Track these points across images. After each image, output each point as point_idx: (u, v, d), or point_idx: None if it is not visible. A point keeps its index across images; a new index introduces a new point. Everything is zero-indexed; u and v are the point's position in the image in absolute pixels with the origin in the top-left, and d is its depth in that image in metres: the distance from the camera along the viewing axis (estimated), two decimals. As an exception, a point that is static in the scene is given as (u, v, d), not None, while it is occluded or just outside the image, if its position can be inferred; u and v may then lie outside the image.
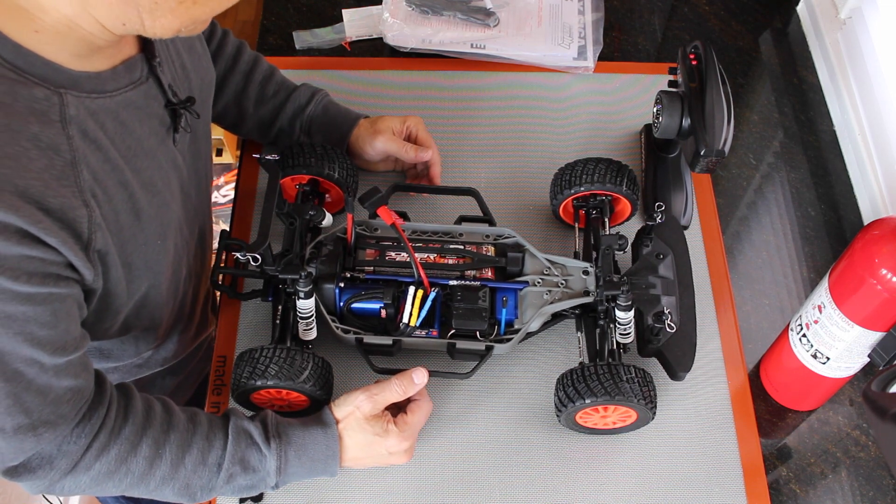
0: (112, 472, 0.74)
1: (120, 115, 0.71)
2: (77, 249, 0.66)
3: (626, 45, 1.27)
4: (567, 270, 0.93)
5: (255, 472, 0.79)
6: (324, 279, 0.90)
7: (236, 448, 0.78)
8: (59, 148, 0.65)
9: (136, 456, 0.75)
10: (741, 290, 1.05)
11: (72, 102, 0.66)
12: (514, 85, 1.20)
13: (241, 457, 0.78)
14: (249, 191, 1.10)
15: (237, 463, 0.78)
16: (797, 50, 1.27)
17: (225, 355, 0.97)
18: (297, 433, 0.81)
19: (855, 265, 0.79)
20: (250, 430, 0.79)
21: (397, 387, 0.84)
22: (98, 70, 0.69)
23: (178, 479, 0.77)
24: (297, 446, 0.80)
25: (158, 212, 0.77)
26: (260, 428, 0.80)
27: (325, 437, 0.81)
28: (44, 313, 0.65)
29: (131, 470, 0.75)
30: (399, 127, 1.03)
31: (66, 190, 0.65)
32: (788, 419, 0.97)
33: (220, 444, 0.78)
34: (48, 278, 0.64)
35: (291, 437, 0.80)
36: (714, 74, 0.94)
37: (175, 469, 0.76)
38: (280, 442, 0.80)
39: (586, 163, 0.98)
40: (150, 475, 0.75)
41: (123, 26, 0.63)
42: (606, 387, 0.83)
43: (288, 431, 0.81)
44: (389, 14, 1.23)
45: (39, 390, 0.67)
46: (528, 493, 0.90)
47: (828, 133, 1.19)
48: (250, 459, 0.79)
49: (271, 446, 0.79)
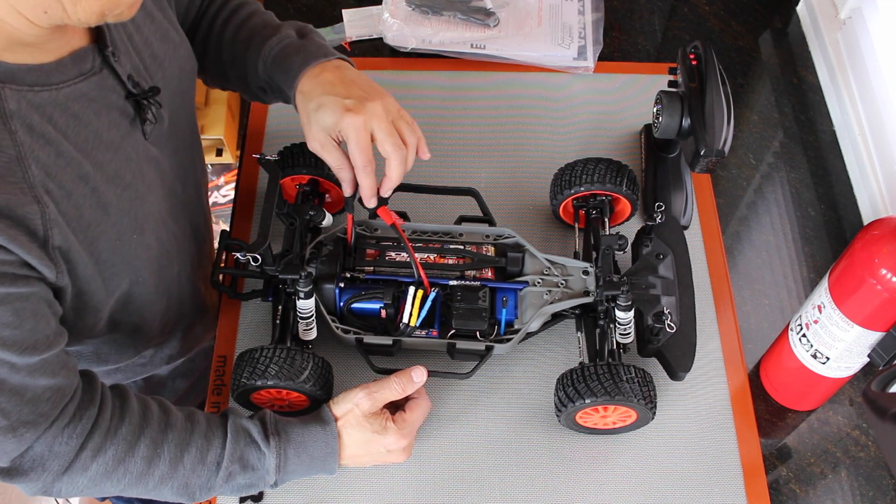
0: (110, 473, 0.74)
1: (71, 107, 0.69)
2: (32, 247, 0.65)
3: (626, 45, 1.27)
4: (567, 270, 0.93)
5: (254, 470, 0.79)
6: (324, 279, 0.90)
7: (235, 446, 0.78)
8: (1, 144, 0.63)
9: (134, 456, 0.74)
10: (741, 290, 1.05)
11: (11, 96, 0.64)
12: (514, 85, 1.20)
13: (239, 455, 0.78)
14: (249, 191, 1.10)
15: (236, 461, 0.78)
16: (797, 50, 1.27)
17: (225, 355, 0.97)
18: (297, 431, 0.81)
19: (855, 265, 0.79)
20: (249, 428, 0.79)
21: (396, 385, 0.84)
22: (41, 62, 0.67)
23: (177, 479, 0.76)
24: (297, 444, 0.80)
25: (131, 206, 0.76)
26: (259, 426, 0.80)
27: (324, 434, 0.81)
28: (4, 313, 0.64)
29: (129, 470, 0.74)
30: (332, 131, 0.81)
31: (12, 187, 0.64)
32: (788, 419, 0.97)
33: (218, 442, 0.78)
34: (3, 278, 0.63)
35: (291, 435, 0.80)
36: (714, 74, 0.94)
37: (174, 468, 0.76)
38: (279, 440, 0.80)
39: (586, 163, 0.98)
40: (148, 475, 0.75)
41: (45, 14, 0.61)
42: (606, 387, 0.83)
43: (287, 429, 0.81)
44: (389, 14, 1.23)
45: (14, 391, 0.67)
46: (528, 493, 0.90)
47: (828, 133, 1.19)
48: (249, 458, 0.78)
49: (270, 444, 0.79)
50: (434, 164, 1.11)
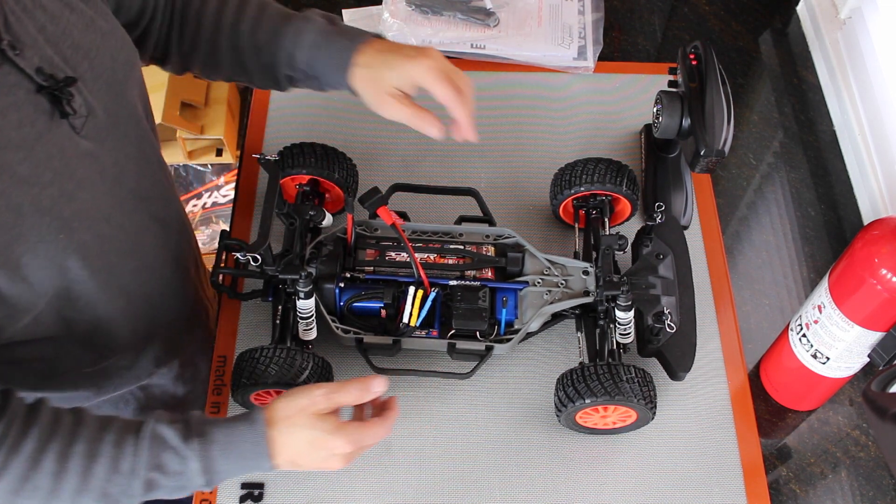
0: (18, 491, 0.72)
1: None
2: None
3: (626, 45, 1.27)
4: (567, 270, 0.93)
5: (178, 475, 0.76)
6: (324, 279, 0.90)
7: (150, 454, 0.75)
8: None
9: (39, 472, 0.72)
10: (741, 290, 1.05)
11: None
12: (514, 85, 1.20)
13: (157, 463, 0.75)
14: (249, 191, 1.10)
15: (154, 469, 0.75)
16: (797, 50, 1.27)
17: (225, 355, 0.97)
18: (222, 431, 0.77)
19: (855, 265, 0.79)
20: (165, 434, 0.76)
21: (355, 390, 0.80)
22: None
23: (92, 490, 0.74)
24: (222, 444, 0.77)
25: (54, 205, 0.73)
26: (180, 429, 0.77)
27: (252, 433, 0.77)
28: None
29: (38, 486, 0.72)
30: (407, 85, 0.87)
31: None
32: (788, 419, 0.97)
33: (130, 451, 0.75)
34: None
35: (215, 436, 0.77)
36: (714, 74, 0.94)
37: (85, 480, 0.73)
38: (203, 442, 0.76)
39: (586, 163, 0.98)
40: (60, 489, 0.73)
41: None
42: (606, 387, 0.83)
43: (212, 430, 0.77)
44: (389, 14, 1.23)
45: None
46: (528, 493, 0.90)
47: (828, 133, 1.19)
48: (169, 464, 0.75)
49: (191, 447, 0.76)
50: (434, 165, 1.12)
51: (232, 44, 0.91)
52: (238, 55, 0.92)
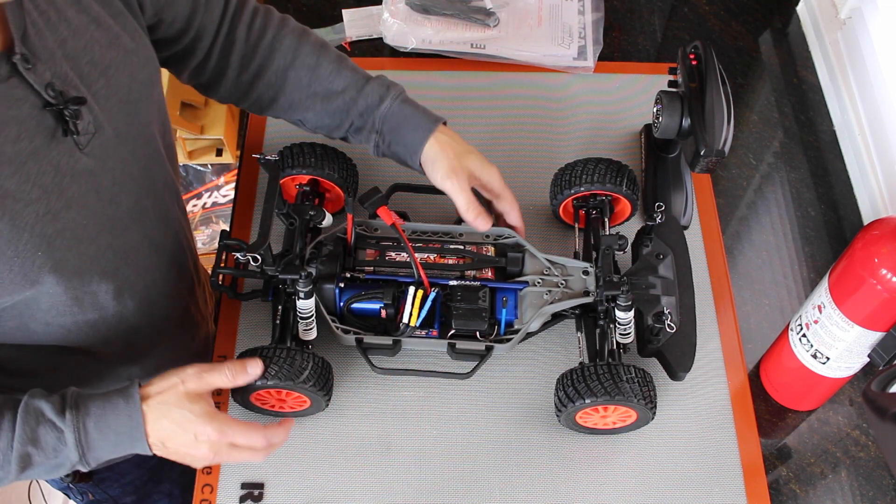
0: None
1: None
2: None
3: (626, 45, 1.27)
4: (567, 270, 0.93)
5: (55, 451, 0.74)
6: (324, 279, 0.90)
7: (25, 427, 0.73)
8: None
9: None
10: (741, 290, 1.05)
11: None
12: (514, 85, 1.20)
13: (32, 436, 0.73)
14: (249, 191, 1.10)
15: (29, 443, 0.73)
16: (797, 50, 1.27)
17: (225, 355, 0.97)
18: (97, 404, 0.75)
19: (855, 265, 0.79)
20: (41, 406, 0.74)
21: (229, 371, 0.79)
22: None
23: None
24: (97, 417, 0.75)
25: (37, 222, 0.71)
26: (56, 402, 0.75)
27: (126, 407, 0.75)
28: None
29: None
30: (476, 176, 0.93)
31: None
32: (788, 419, 0.97)
33: (7, 426, 0.73)
34: None
35: (90, 409, 0.75)
36: (714, 74, 0.94)
37: None
38: (77, 413, 0.74)
39: (586, 163, 0.98)
40: None
41: None
42: (606, 387, 0.83)
43: (87, 403, 0.75)
44: (389, 14, 1.23)
45: None
46: (528, 493, 0.90)
47: (828, 133, 1.19)
48: (45, 437, 0.74)
49: (66, 418, 0.74)
50: (434, 164, 1.11)
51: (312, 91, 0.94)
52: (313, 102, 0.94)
